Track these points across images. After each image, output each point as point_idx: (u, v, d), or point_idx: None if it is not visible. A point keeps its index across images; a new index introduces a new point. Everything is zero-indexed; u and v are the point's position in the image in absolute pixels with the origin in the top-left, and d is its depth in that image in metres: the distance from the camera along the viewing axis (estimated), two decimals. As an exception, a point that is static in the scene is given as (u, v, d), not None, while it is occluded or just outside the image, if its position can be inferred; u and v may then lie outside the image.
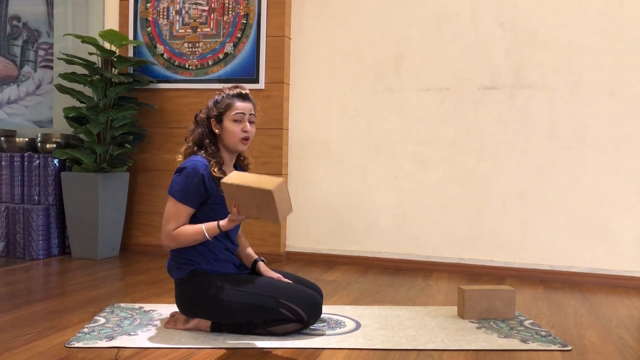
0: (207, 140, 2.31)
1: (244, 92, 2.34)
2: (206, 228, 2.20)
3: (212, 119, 2.31)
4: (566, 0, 3.57)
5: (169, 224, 2.23)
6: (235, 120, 2.28)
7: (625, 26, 3.48)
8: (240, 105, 2.30)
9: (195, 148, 2.33)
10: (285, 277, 2.42)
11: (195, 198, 2.23)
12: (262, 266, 2.41)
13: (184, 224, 2.24)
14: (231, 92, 2.32)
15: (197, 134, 2.33)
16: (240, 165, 2.48)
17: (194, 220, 2.28)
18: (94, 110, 3.93)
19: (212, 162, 2.26)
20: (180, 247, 2.25)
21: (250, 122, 2.32)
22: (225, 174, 2.25)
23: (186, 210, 2.24)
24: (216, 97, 2.34)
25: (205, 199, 2.25)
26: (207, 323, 2.31)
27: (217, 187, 2.24)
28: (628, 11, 3.47)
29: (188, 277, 2.26)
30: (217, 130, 2.31)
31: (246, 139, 2.30)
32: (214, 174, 2.23)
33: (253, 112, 2.34)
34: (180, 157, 2.37)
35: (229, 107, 2.29)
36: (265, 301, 2.22)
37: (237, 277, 2.29)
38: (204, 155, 2.28)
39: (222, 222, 2.19)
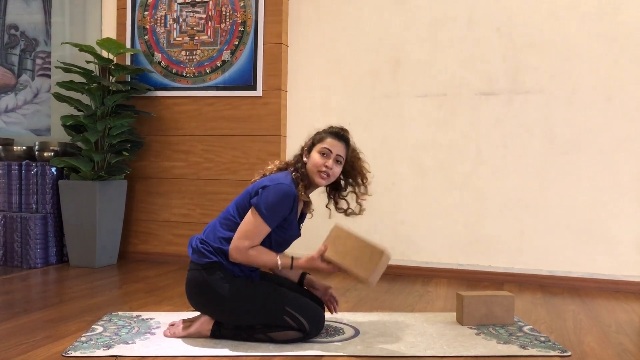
0: (299, 164, 2.38)
1: (341, 132, 2.39)
2: (281, 260, 2.24)
3: (305, 148, 2.39)
4: (562, 6, 3.58)
5: (245, 241, 2.22)
6: (322, 153, 2.32)
7: (622, 31, 3.49)
8: (330, 141, 2.34)
9: (285, 165, 2.42)
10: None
11: (279, 220, 2.27)
12: (310, 277, 2.52)
13: (258, 244, 2.25)
14: (330, 129, 2.39)
15: (294, 157, 2.43)
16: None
17: None
18: (91, 118, 3.93)
19: (300, 185, 2.30)
20: (246, 263, 2.25)
21: (337, 161, 2.34)
22: (309, 199, 2.37)
23: (266, 231, 2.25)
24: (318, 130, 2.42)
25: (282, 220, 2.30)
26: (207, 327, 2.32)
27: (296, 210, 2.30)
28: (624, 16, 3.48)
29: (208, 266, 2.27)
30: (305, 159, 2.38)
31: (325, 173, 2.32)
32: (300, 197, 2.29)
33: (341, 154, 2.35)
34: (268, 171, 2.43)
35: (321, 139, 2.36)
36: (272, 307, 2.25)
37: (251, 279, 2.32)
38: (293, 174, 2.33)
39: (301, 262, 2.25)
